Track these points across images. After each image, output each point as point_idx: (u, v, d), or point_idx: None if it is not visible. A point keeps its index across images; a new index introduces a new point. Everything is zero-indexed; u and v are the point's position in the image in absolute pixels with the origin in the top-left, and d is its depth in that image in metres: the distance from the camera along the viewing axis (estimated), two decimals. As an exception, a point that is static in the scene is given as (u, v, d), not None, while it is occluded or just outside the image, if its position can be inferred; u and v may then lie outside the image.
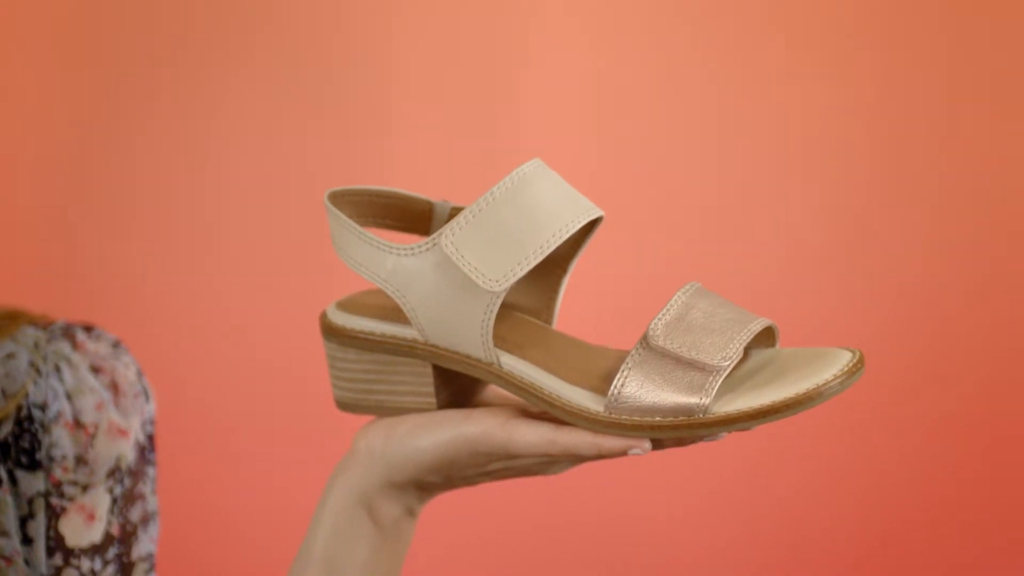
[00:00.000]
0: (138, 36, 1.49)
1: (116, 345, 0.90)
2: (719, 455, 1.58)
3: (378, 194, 0.77)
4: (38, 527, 0.84)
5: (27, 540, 0.84)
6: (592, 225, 0.71)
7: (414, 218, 0.77)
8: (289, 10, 1.52)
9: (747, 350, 0.68)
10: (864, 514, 1.72)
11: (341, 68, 1.55)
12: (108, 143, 1.50)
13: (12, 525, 0.83)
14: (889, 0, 1.67)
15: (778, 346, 0.69)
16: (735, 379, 0.65)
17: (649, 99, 1.64)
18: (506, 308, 0.75)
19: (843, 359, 0.64)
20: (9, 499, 0.83)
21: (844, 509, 1.72)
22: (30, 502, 0.84)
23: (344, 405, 0.76)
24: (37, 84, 1.48)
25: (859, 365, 0.63)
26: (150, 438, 0.90)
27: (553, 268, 0.74)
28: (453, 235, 0.66)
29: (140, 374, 0.91)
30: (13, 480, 0.84)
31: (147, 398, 0.91)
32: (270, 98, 1.53)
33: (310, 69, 1.54)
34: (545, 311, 0.75)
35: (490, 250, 0.66)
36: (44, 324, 0.88)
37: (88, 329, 0.90)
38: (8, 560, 0.83)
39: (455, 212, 0.77)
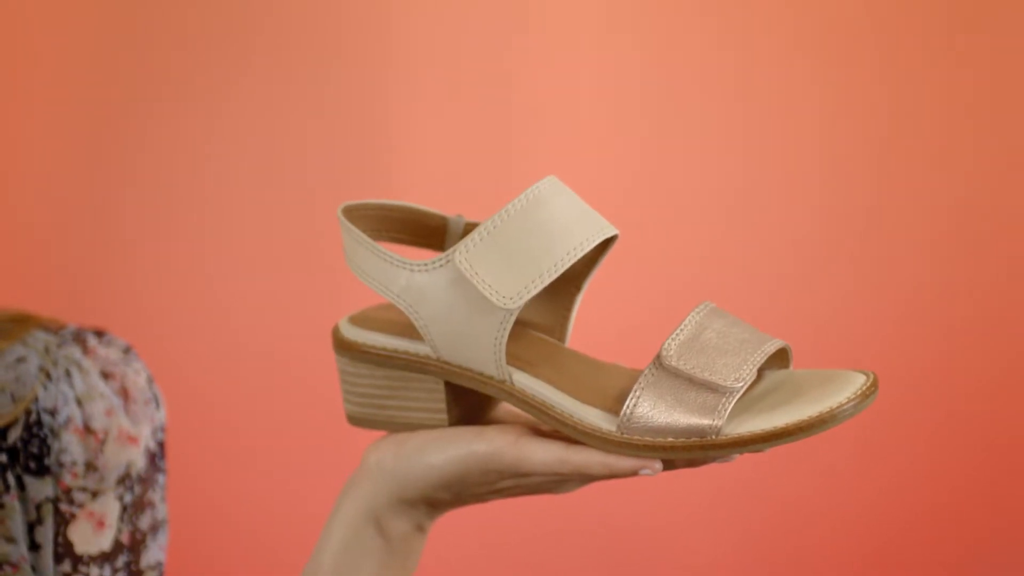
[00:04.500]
0: (141, 40, 1.49)
1: (127, 351, 0.90)
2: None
3: (392, 208, 0.76)
4: (46, 533, 0.84)
5: (35, 546, 0.84)
6: (607, 243, 0.71)
7: (428, 233, 0.77)
8: (292, 13, 1.52)
9: (760, 371, 0.67)
10: (868, 520, 1.72)
11: (348, 72, 1.55)
12: (119, 148, 1.50)
13: (19, 531, 0.83)
14: (896, 2, 1.66)
15: (792, 367, 0.69)
16: (748, 400, 0.64)
17: (663, 109, 1.63)
18: (519, 325, 0.74)
19: (857, 382, 0.63)
20: (17, 505, 0.83)
21: (848, 514, 1.72)
22: (38, 508, 0.84)
23: (355, 420, 0.76)
24: (45, 92, 1.48)
25: (872, 388, 0.63)
26: (160, 445, 0.90)
27: (567, 286, 0.74)
28: (467, 251, 0.66)
29: (151, 381, 0.90)
30: (21, 485, 0.83)
31: (157, 405, 0.90)
32: (278, 104, 1.53)
33: (315, 74, 1.53)
34: (558, 329, 0.75)
35: (504, 267, 0.66)
36: (55, 328, 0.88)
37: (99, 334, 0.89)
38: (14, 566, 0.83)
39: (469, 227, 0.76)
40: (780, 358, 0.69)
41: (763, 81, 1.65)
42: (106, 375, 0.87)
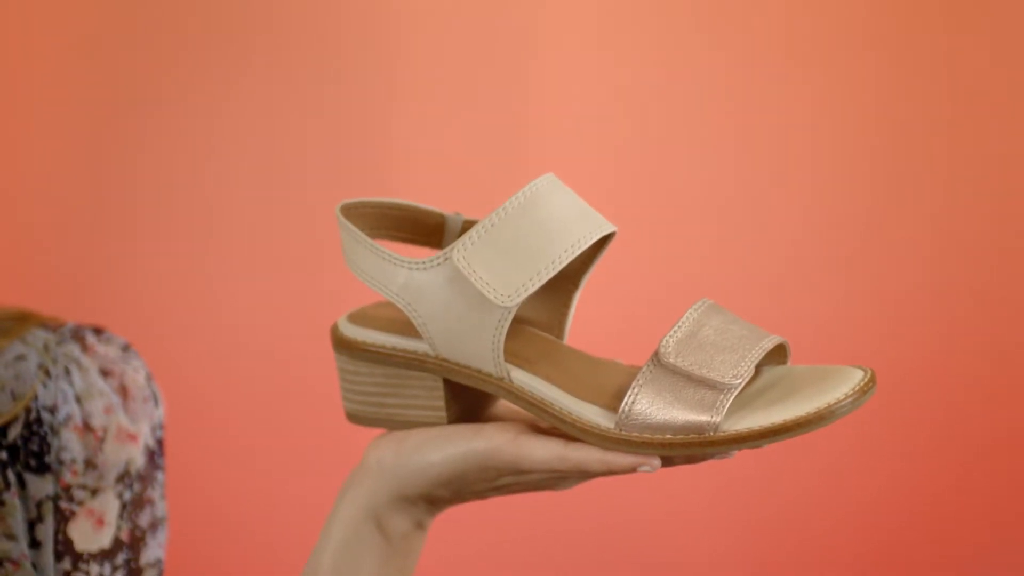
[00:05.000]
0: (141, 40, 1.49)
1: (126, 349, 0.90)
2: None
3: (390, 206, 0.77)
4: (46, 531, 0.84)
5: (35, 544, 0.84)
6: (605, 239, 0.71)
7: (426, 231, 0.77)
8: (292, 13, 1.52)
9: (759, 367, 0.68)
10: (868, 517, 1.72)
11: (348, 72, 1.55)
12: (119, 148, 1.50)
13: (20, 529, 0.83)
14: (894, 3, 1.66)
15: (790, 363, 0.69)
16: (746, 396, 0.65)
17: (663, 108, 1.64)
18: (518, 322, 0.75)
19: (854, 378, 0.63)
20: (17, 503, 0.83)
21: (848, 513, 1.72)
22: (39, 505, 0.84)
23: (355, 418, 0.76)
24: (45, 92, 1.48)
25: (870, 384, 0.63)
26: (159, 443, 0.90)
27: (565, 282, 0.74)
28: (465, 249, 0.66)
29: (150, 378, 0.90)
30: (22, 483, 0.83)
31: (156, 403, 0.91)
32: (278, 103, 1.53)
33: (315, 73, 1.53)
34: (557, 325, 0.75)
35: (502, 265, 0.66)
36: (54, 326, 0.88)
37: (98, 332, 0.90)
38: (15, 564, 0.83)
39: (468, 225, 0.77)
40: (778, 354, 0.69)
41: (763, 81, 1.65)
42: (105, 373, 0.87)
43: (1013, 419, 1.74)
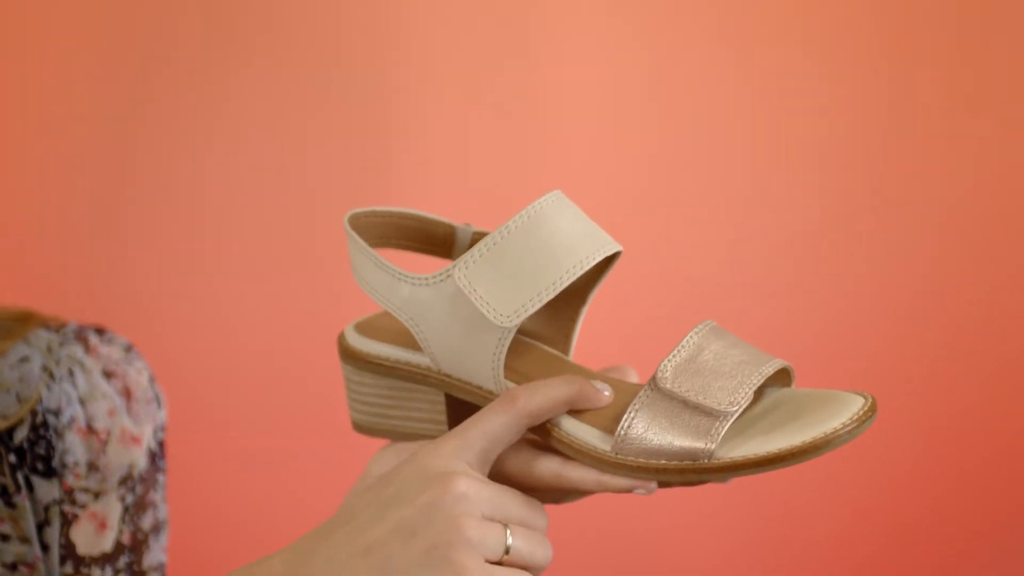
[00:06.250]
0: (141, 39, 1.48)
1: (128, 349, 0.90)
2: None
3: (400, 216, 0.76)
4: (53, 534, 0.84)
5: (43, 547, 0.84)
6: (612, 257, 0.71)
7: (435, 241, 0.77)
8: (294, 13, 1.52)
9: (762, 388, 0.67)
10: (868, 523, 1.72)
11: (352, 73, 1.54)
12: (119, 148, 1.49)
13: (32, 532, 0.84)
14: (901, 2, 1.65)
15: (794, 384, 0.69)
16: (745, 420, 0.65)
17: (671, 114, 1.63)
18: (523, 337, 0.75)
19: (854, 406, 0.63)
20: (28, 505, 0.84)
21: (850, 515, 1.72)
22: (46, 509, 0.84)
23: (361, 428, 0.77)
24: (45, 92, 1.47)
25: (870, 412, 0.63)
26: (161, 445, 0.91)
27: (572, 298, 0.74)
28: (467, 268, 0.66)
29: (152, 380, 0.91)
30: (29, 486, 0.84)
31: (159, 405, 0.91)
32: (281, 104, 1.52)
33: (319, 75, 1.53)
34: (563, 340, 0.75)
35: (503, 285, 0.66)
36: (55, 326, 0.88)
37: (100, 332, 0.90)
38: (30, 567, 0.84)
39: (477, 237, 0.76)
40: (782, 374, 0.69)
41: (769, 89, 1.64)
42: (108, 374, 0.87)
43: (1016, 424, 1.73)
